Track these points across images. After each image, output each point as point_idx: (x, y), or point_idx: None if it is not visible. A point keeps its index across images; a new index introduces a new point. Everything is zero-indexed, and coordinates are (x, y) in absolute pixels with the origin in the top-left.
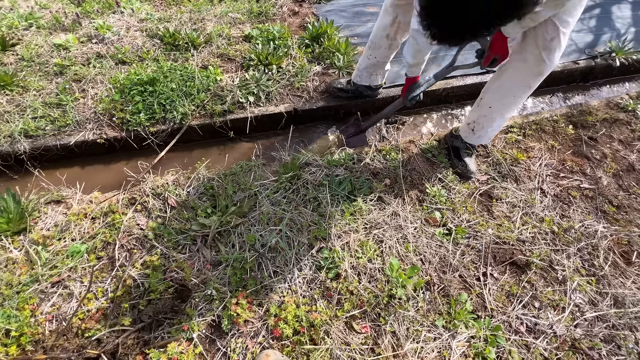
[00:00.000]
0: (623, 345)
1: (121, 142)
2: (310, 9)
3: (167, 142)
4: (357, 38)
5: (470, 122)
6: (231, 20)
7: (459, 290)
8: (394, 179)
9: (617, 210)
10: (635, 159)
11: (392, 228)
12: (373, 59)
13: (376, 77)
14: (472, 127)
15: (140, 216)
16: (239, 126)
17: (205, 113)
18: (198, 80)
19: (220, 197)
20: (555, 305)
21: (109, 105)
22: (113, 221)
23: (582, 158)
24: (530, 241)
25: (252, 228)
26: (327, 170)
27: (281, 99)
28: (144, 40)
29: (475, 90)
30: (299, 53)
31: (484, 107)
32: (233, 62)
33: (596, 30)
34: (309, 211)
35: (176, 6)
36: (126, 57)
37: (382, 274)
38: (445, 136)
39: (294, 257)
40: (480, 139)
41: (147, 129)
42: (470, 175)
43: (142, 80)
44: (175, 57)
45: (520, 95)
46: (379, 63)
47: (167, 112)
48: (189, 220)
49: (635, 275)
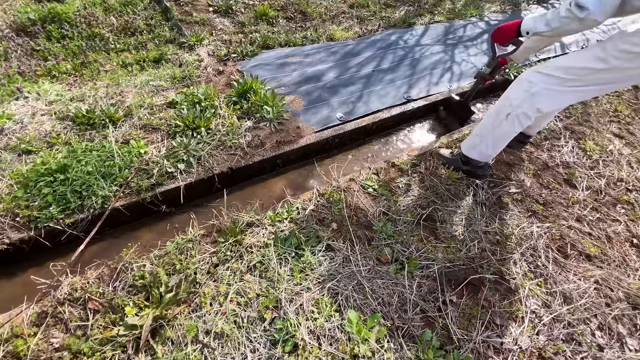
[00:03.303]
0: (582, 340)
1: (30, 244)
2: (235, 66)
3: (89, 231)
4: (284, 88)
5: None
6: (153, 88)
7: (422, 328)
8: (340, 222)
9: (545, 207)
10: (546, 157)
11: (346, 276)
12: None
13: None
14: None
15: (55, 332)
16: (172, 198)
17: (130, 191)
18: (119, 158)
19: (152, 287)
20: (514, 317)
21: (10, 204)
22: (16, 350)
23: (504, 165)
24: (479, 256)
25: (193, 314)
26: (271, 227)
27: (214, 160)
28: (53, 124)
29: (400, 119)
30: (227, 111)
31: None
32: (158, 131)
33: (489, 53)
34: (256, 278)
35: (92, 81)
36: (31, 146)
37: (343, 332)
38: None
39: (244, 338)
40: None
41: (62, 222)
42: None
43: (51, 169)
44: (91, 136)
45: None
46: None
47: (84, 198)
48: (116, 323)
49: (574, 267)
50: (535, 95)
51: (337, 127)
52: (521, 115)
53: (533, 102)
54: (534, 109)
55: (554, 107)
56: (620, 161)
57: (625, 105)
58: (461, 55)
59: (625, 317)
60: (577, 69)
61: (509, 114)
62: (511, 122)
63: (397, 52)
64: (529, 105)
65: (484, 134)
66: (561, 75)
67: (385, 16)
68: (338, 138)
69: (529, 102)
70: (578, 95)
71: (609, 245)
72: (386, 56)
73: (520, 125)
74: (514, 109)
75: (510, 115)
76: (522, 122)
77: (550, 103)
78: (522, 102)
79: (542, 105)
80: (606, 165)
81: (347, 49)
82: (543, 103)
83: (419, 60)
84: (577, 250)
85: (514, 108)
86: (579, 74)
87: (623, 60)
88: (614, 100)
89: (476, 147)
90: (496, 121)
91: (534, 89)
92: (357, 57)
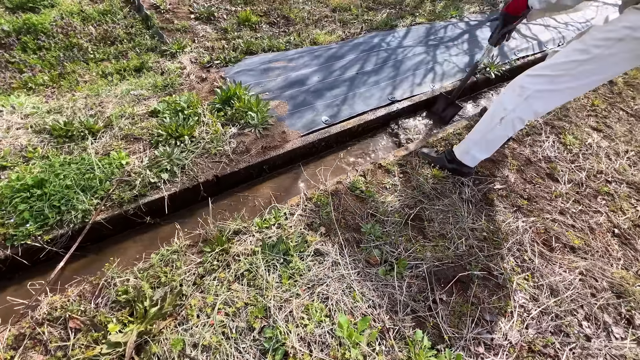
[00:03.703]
0: (570, 332)
1: (6, 263)
2: (219, 73)
3: (70, 247)
4: (268, 93)
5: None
6: (134, 98)
7: (413, 328)
8: (328, 225)
9: (529, 202)
10: (529, 152)
11: (335, 280)
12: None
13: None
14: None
15: (34, 354)
16: (156, 208)
17: (112, 204)
18: (99, 170)
19: (136, 301)
20: (503, 312)
21: None
22: None
23: (489, 162)
24: (467, 253)
25: (180, 328)
26: (258, 234)
27: (199, 169)
28: (29, 137)
29: (385, 121)
30: (211, 119)
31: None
32: (140, 141)
33: (470, 52)
34: (244, 287)
35: (70, 92)
36: (6, 162)
37: (334, 337)
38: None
39: (233, 349)
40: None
41: (41, 239)
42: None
43: (27, 185)
44: (70, 149)
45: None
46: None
47: (63, 213)
48: (99, 341)
49: (559, 259)
50: (529, 99)
51: (322, 131)
52: (516, 119)
53: (528, 106)
54: (531, 113)
55: (548, 108)
56: (599, 154)
57: (602, 100)
58: (443, 55)
59: (610, 307)
60: (563, 64)
61: (503, 118)
62: (504, 126)
63: (380, 55)
64: (524, 110)
65: (476, 139)
66: (549, 73)
67: (367, 19)
68: (324, 141)
69: (523, 106)
70: (570, 93)
71: (592, 237)
72: (369, 59)
73: (513, 130)
74: (508, 113)
75: (505, 120)
76: (515, 126)
77: (545, 104)
78: (517, 107)
79: (537, 108)
80: (586, 158)
81: (331, 52)
82: (538, 105)
83: (402, 61)
84: (561, 243)
85: (508, 112)
86: (566, 68)
87: (603, 48)
88: (591, 94)
89: (469, 152)
90: (489, 125)
91: (527, 93)
92: (340, 60)
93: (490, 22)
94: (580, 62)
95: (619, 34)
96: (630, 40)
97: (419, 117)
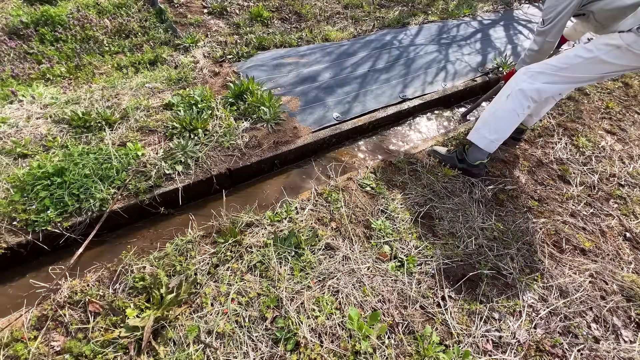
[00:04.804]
0: (579, 333)
1: (28, 247)
2: (231, 68)
3: (87, 234)
4: (280, 89)
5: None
6: (149, 90)
7: (422, 324)
8: (339, 221)
9: (540, 203)
10: (540, 154)
11: (346, 274)
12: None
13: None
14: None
15: (56, 335)
16: (170, 199)
17: (128, 194)
18: (116, 160)
19: (153, 288)
20: (512, 312)
21: (7, 208)
22: (16, 353)
23: (500, 162)
24: (476, 252)
25: (195, 315)
26: (270, 227)
27: (212, 162)
28: (49, 127)
29: (395, 119)
30: (224, 113)
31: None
32: (155, 133)
33: (482, 52)
34: (256, 278)
35: (87, 84)
36: (27, 150)
37: (344, 329)
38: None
39: (246, 337)
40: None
41: (60, 225)
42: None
43: (48, 173)
44: (88, 139)
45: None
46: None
47: (81, 201)
48: (118, 324)
49: (569, 261)
50: (533, 76)
51: (333, 127)
52: (519, 92)
53: (531, 82)
54: (533, 89)
55: (550, 89)
56: (612, 157)
57: (616, 102)
58: (455, 54)
59: (619, 310)
60: (569, 57)
61: (509, 95)
62: (511, 100)
63: (391, 52)
64: (528, 85)
65: (485, 117)
66: (555, 64)
67: (379, 16)
68: (335, 137)
69: (527, 82)
70: (572, 80)
71: (603, 239)
72: (381, 56)
73: (520, 104)
74: (513, 88)
75: (510, 95)
76: (520, 100)
77: (547, 83)
78: (521, 82)
79: (540, 85)
80: (599, 161)
81: (342, 49)
82: (540, 82)
83: (414, 59)
84: (572, 245)
85: (513, 87)
86: (570, 62)
87: (603, 51)
88: (605, 97)
89: (479, 131)
90: (498, 103)
91: (530, 72)
92: (352, 58)
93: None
94: (585, 58)
95: (617, 42)
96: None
97: (430, 115)
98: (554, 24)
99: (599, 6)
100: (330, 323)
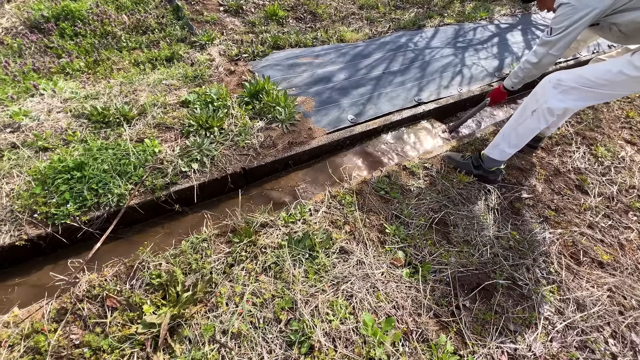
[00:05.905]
0: (596, 348)
1: (47, 240)
2: (246, 67)
3: (105, 229)
4: (295, 89)
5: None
6: (166, 87)
7: (437, 332)
8: (353, 224)
9: (557, 213)
10: (558, 162)
11: (360, 279)
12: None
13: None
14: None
15: (74, 328)
16: (186, 197)
17: (145, 190)
18: (134, 156)
19: (169, 286)
20: (528, 324)
21: (28, 200)
22: (37, 345)
23: (516, 169)
24: (492, 261)
25: (210, 314)
26: (284, 228)
27: (227, 160)
28: (69, 121)
29: (410, 122)
30: (240, 112)
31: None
32: (172, 130)
33: (499, 56)
34: (271, 279)
35: (105, 79)
36: (48, 143)
37: (358, 335)
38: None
39: (260, 338)
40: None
41: (79, 219)
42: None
43: (68, 167)
44: (106, 134)
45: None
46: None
47: (100, 196)
48: (134, 320)
49: (587, 274)
50: (564, 93)
51: (348, 129)
52: (546, 110)
53: (561, 99)
54: (561, 107)
55: (579, 106)
56: (632, 168)
57: (637, 112)
58: (471, 58)
59: (638, 326)
60: (611, 74)
61: (535, 110)
62: (536, 118)
63: (407, 55)
64: (556, 102)
65: (506, 133)
66: (592, 79)
67: (394, 18)
68: (349, 139)
69: (556, 98)
70: (608, 97)
71: (622, 253)
72: (396, 58)
73: (545, 121)
74: (541, 105)
75: (537, 112)
76: (547, 118)
77: (577, 99)
78: (549, 98)
79: (569, 103)
80: (618, 171)
81: (357, 50)
82: (570, 100)
83: (429, 62)
84: (589, 257)
85: (541, 104)
86: (612, 79)
87: None
88: (625, 106)
89: (498, 146)
90: (521, 118)
91: (562, 87)
92: (367, 59)
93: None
94: (630, 77)
95: None
96: None
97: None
98: (563, 35)
99: (630, 18)
100: (345, 328)
